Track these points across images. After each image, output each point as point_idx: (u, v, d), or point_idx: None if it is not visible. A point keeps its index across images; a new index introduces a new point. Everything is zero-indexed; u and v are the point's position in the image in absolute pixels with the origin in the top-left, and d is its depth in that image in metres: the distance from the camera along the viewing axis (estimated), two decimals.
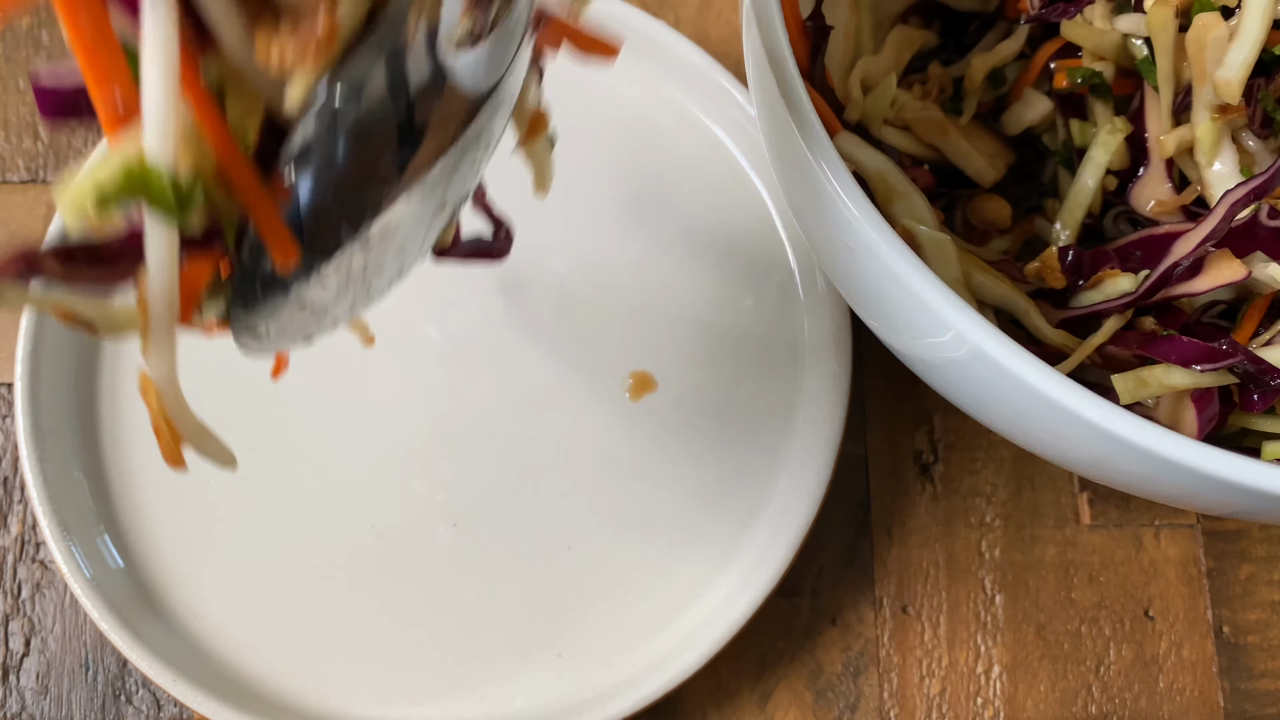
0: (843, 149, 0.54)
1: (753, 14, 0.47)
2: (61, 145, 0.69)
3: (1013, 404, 0.43)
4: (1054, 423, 0.42)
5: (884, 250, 0.42)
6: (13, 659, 0.61)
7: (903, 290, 0.43)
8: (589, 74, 0.68)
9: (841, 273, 0.49)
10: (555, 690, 0.59)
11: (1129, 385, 0.49)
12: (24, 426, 0.59)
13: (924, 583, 0.63)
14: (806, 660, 0.62)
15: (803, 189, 0.47)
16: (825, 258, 0.50)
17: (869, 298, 0.47)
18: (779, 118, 0.46)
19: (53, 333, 0.61)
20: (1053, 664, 0.62)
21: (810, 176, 0.45)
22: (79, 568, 0.58)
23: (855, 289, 0.48)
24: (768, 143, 0.50)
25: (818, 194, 0.45)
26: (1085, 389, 0.40)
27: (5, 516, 0.63)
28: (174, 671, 0.56)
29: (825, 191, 0.44)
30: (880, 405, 0.65)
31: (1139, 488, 0.46)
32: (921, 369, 0.49)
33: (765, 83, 0.47)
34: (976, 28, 0.63)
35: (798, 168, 0.46)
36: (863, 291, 0.48)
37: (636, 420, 0.63)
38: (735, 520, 0.61)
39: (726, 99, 0.65)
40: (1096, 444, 0.42)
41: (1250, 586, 0.63)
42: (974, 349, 0.42)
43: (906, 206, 0.54)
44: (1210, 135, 0.52)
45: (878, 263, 0.43)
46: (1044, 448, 0.48)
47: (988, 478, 0.65)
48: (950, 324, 0.42)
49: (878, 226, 0.43)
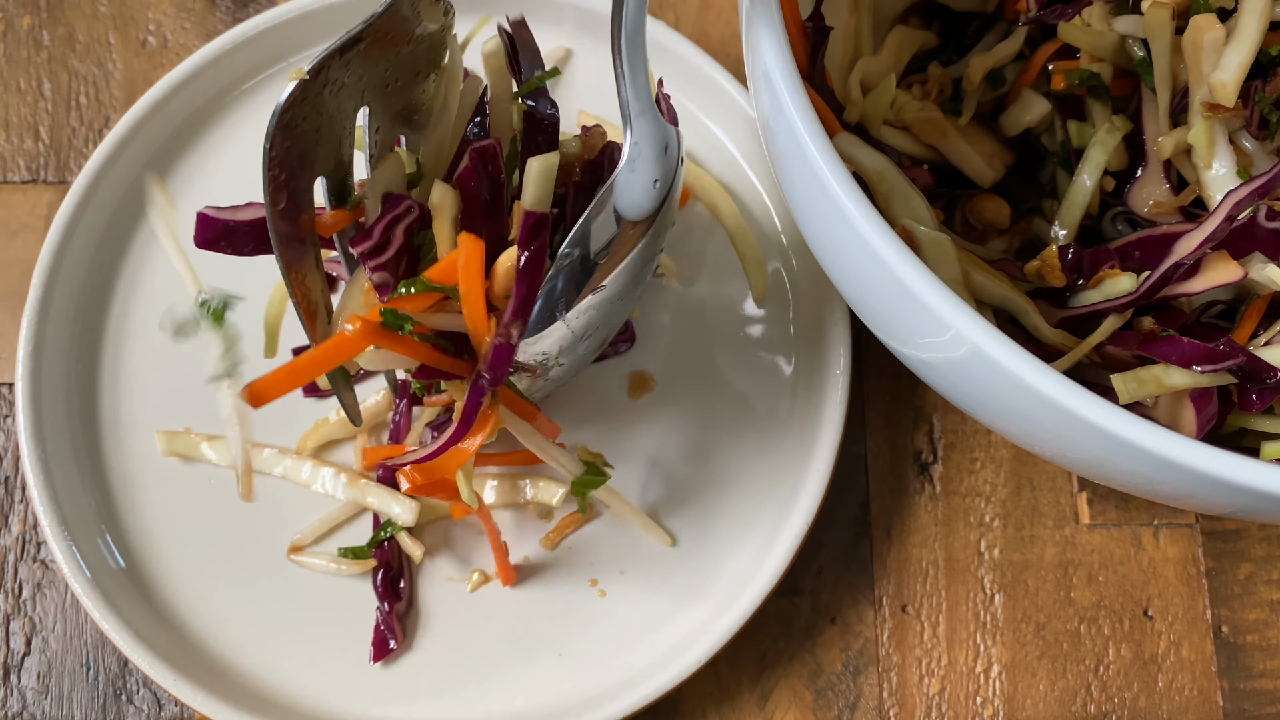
0: (842, 149, 0.55)
1: (752, 15, 0.47)
2: (62, 146, 0.69)
3: (1012, 404, 0.44)
4: (1053, 423, 0.42)
5: (883, 250, 0.42)
6: (14, 658, 0.61)
7: (901, 290, 0.43)
8: (584, 74, 0.68)
9: (841, 273, 0.49)
10: (555, 690, 0.59)
11: (1128, 385, 0.49)
12: (25, 426, 0.59)
13: (923, 582, 0.63)
14: (806, 659, 0.62)
15: (802, 190, 0.47)
16: (824, 258, 0.50)
17: (868, 298, 0.47)
18: (778, 119, 0.46)
19: (54, 333, 0.62)
20: (1052, 663, 0.62)
21: (809, 178, 0.45)
22: (79, 567, 0.58)
23: (854, 290, 0.48)
24: (767, 144, 0.50)
25: (817, 195, 0.45)
26: (1084, 389, 0.41)
27: (6, 516, 0.63)
28: (174, 671, 0.56)
29: (824, 192, 0.44)
30: (880, 405, 0.65)
31: (1139, 487, 0.46)
32: (921, 369, 0.49)
33: (764, 84, 0.47)
34: (975, 29, 0.63)
35: (797, 169, 0.46)
36: (862, 292, 0.48)
37: (634, 420, 0.63)
38: (735, 520, 0.61)
39: (726, 99, 0.66)
40: (1096, 444, 0.42)
41: (1249, 586, 0.64)
42: (973, 349, 0.42)
43: (906, 206, 0.54)
44: (1206, 137, 0.52)
45: (876, 263, 0.43)
46: (1043, 447, 0.48)
47: (987, 477, 0.65)
48: (949, 324, 0.42)
49: (877, 227, 0.43)
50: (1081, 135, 0.57)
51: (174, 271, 0.64)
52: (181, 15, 0.72)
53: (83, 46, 0.71)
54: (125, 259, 0.64)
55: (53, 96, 0.70)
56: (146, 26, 0.71)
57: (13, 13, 0.71)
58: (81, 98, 0.70)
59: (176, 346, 0.63)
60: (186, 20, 0.72)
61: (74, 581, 0.57)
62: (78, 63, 0.71)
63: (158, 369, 0.63)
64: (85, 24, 0.71)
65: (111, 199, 0.64)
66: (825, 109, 0.57)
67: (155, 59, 0.71)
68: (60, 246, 0.62)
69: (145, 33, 0.71)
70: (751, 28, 0.47)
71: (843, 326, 0.62)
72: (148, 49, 0.71)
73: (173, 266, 0.64)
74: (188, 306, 0.63)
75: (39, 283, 0.61)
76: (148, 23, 0.71)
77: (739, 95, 0.65)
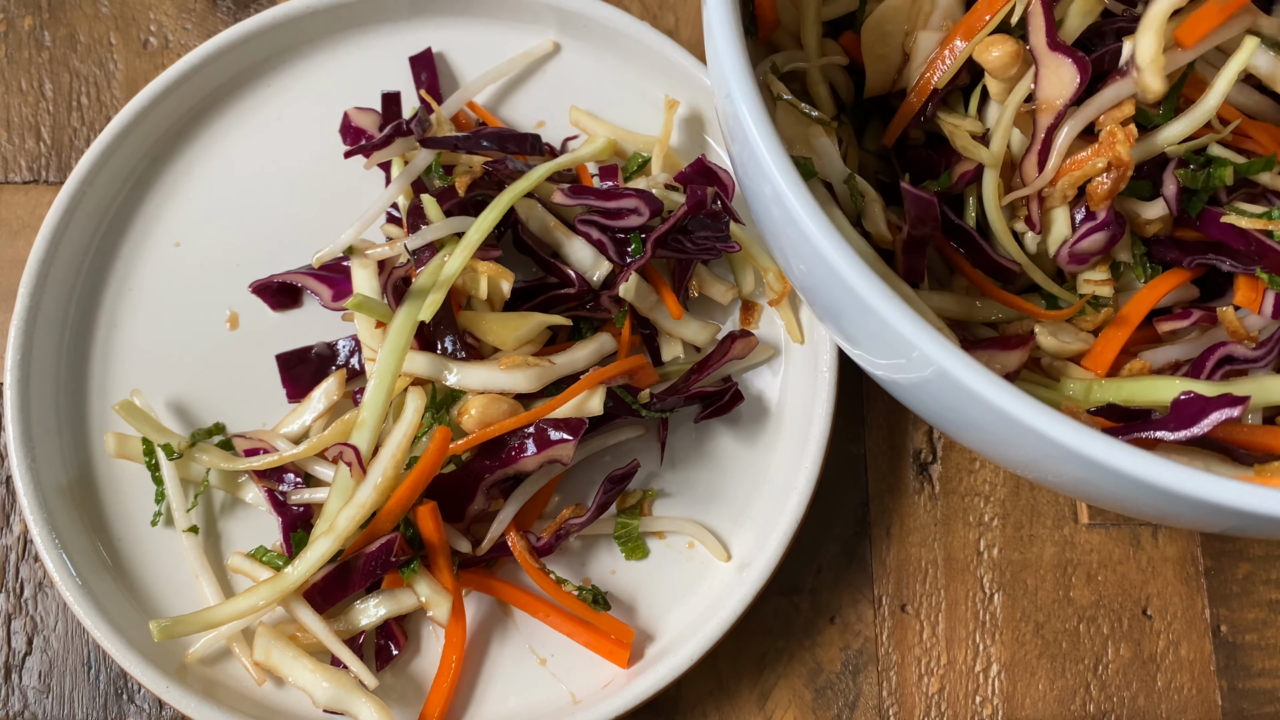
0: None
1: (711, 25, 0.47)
2: (63, 146, 0.69)
3: (986, 427, 0.43)
4: (1027, 444, 0.42)
5: (842, 267, 0.42)
6: (15, 658, 0.61)
7: (863, 308, 0.43)
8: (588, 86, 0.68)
9: (810, 291, 0.49)
10: (545, 690, 0.59)
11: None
12: (14, 435, 0.59)
13: (923, 581, 0.63)
14: (806, 659, 0.62)
15: (765, 205, 0.47)
16: (794, 278, 0.50)
17: (839, 319, 0.47)
18: (738, 129, 0.46)
19: (42, 338, 0.61)
20: (1051, 662, 0.62)
21: (767, 192, 0.45)
22: (69, 574, 0.57)
23: (825, 309, 0.49)
24: (732, 156, 0.50)
25: (777, 212, 0.45)
26: (1052, 410, 0.40)
27: (8, 516, 0.63)
28: (167, 678, 0.56)
29: (784, 209, 0.44)
30: (879, 406, 0.66)
31: (1124, 508, 0.46)
32: (897, 391, 0.50)
33: (723, 93, 0.47)
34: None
35: (756, 181, 0.46)
36: (831, 311, 0.48)
37: None
38: (725, 517, 0.61)
39: None
40: (1073, 466, 0.42)
41: (1248, 585, 0.64)
42: (938, 370, 0.42)
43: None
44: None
45: (838, 280, 0.43)
46: (1023, 470, 0.48)
47: (986, 477, 0.65)
48: (914, 344, 0.42)
49: (836, 245, 0.43)
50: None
51: (166, 274, 0.64)
52: (183, 16, 0.72)
53: (84, 47, 0.71)
54: (115, 263, 0.64)
55: (54, 97, 0.70)
56: (148, 27, 0.72)
57: (14, 13, 0.72)
58: (83, 98, 0.70)
59: (166, 350, 0.63)
60: (188, 21, 0.72)
61: (64, 590, 0.57)
62: (79, 63, 0.71)
63: (147, 374, 0.63)
64: (87, 25, 0.71)
65: (103, 200, 0.64)
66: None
67: (156, 59, 0.71)
68: (49, 250, 0.62)
69: (146, 33, 0.71)
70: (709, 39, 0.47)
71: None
72: (149, 50, 0.71)
73: (164, 268, 0.64)
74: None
75: (26, 291, 0.61)
76: (149, 23, 0.72)
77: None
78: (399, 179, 0.62)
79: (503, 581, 0.59)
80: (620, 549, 0.61)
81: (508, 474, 0.57)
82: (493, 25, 0.68)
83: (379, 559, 0.55)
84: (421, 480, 0.55)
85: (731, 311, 0.64)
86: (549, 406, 0.56)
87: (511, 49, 0.68)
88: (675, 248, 0.60)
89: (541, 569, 0.58)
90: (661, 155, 0.64)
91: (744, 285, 0.64)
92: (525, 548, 0.58)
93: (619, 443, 0.62)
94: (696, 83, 0.65)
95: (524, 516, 0.59)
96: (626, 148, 0.66)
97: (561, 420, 0.56)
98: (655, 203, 0.60)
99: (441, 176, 0.62)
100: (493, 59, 0.68)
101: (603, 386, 0.56)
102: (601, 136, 0.64)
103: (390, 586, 0.57)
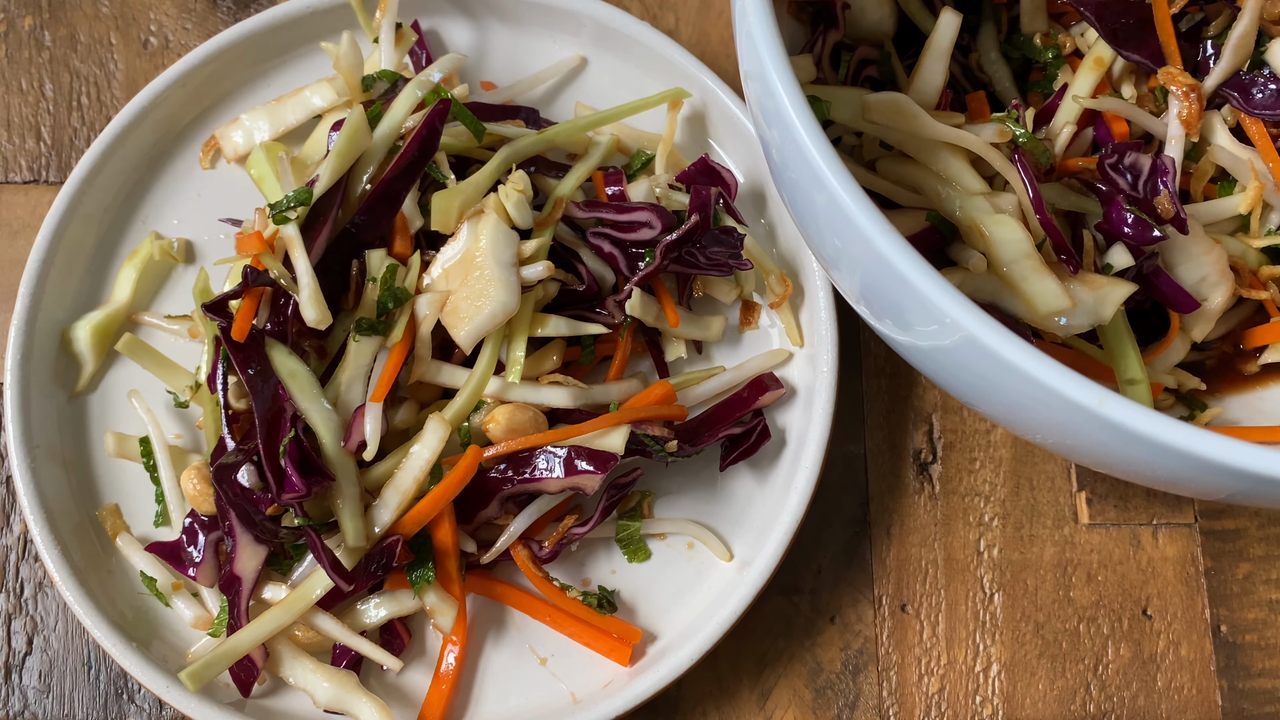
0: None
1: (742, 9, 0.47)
2: (64, 146, 0.69)
3: (1008, 391, 0.44)
4: (1048, 408, 0.42)
5: (873, 233, 0.43)
6: (15, 657, 0.61)
7: (894, 277, 0.43)
8: (595, 79, 0.68)
9: (831, 259, 0.49)
10: (545, 690, 0.59)
11: None
12: (14, 435, 0.59)
13: (923, 581, 0.63)
14: (806, 659, 0.62)
15: (796, 180, 0.47)
16: (816, 246, 0.50)
17: (861, 284, 0.47)
18: (768, 105, 0.46)
19: (42, 338, 0.61)
20: (1051, 662, 0.62)
21: (801, 163, 0.45)
22: (69, 575, 0.57)
23: (846, 274, 0.49)
24: (759, 131, 0.50)
25: (810, 187, 0.45)
26: (1079, 375, 0.41)
27: (8, 516, 0.63)
28: (167, 678, 0.56)
29: (816, 180, 0.44)
30: (879, 405, 0.66)
31: (1139, 474, 0.46)
32: (916, 357, 0.50)
33: (752, 69, 0.47)
34: None
35: (789, 153, 0.46)
36: (852, 275, 0.48)
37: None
38: (725, 518, 0.61)
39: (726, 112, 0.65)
40: (1092, 430, 0.42)
41: (1248, 586, 0.64)
42: (966, 335, 0.42)
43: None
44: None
45: (865, 246, 0.43)
46: (1038, 434, 0.48)
47: (986, 477, 0.65)
48: (944, 311, 0.42)
49: (868, 212, 0.43)
50: None
51: (163, 274, 0.64)
52: (183, 16, 0.72)
53: (84, 47, 0.71)
54: (115, 262, 0.64)
55: (54, 97, 0.70)
56: (148, 27, 0.72)
57: (14, 13, 0.72)
58: (83, 98, 0.70)
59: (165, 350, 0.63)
60: (188, 21, 0.72)
61: (65, 590, 0.57)
62: (79, 63, 0.71)
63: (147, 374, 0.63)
64: (87, 25, 0.71)
65: (103, 200, 0.64)
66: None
67: (157, 60, 0.71)
68: (49, 250, 0.62)
69: (147, 33, 0.71)
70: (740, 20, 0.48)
71: (829, 323, 0.61)
72: (149, 50, 0.71)
73: (162, 268, 0.64)
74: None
75: (26, 291, 0.61)
76: (149, 24, 0.72)
77: (738, 110, 0.64)
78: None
79: (506, 584, 0.59)
80: (622, 552, 0.61)
81: (528, 490, 0.57)
82: (493, 25, 0.68)
83: (383, 561, 0.55)
84: (445, 497, 0.55)
85: (732, 309, 0.64)
86: (574, 430, 0.56)
87: (511, 49, 0.68)
88: (687, 262, 0.60)
89: (545, 577, 0.58)
90: (665, 155, 0.64)
91: (746, 286, 0.64)
92: (529, 557, 0.58)
93: None
94: (697, 83, 0.65)
95: (530, 528, 0.59)
96: (629, 146, 0.66)
97: (592, 451, 0.55)
98: (668, 217, 0.60)
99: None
100: (493, 59, 0.68)
101: (628, 426, 0.56)
102: (607, 134, 0.64)
103: (392, 587, 0.57)
